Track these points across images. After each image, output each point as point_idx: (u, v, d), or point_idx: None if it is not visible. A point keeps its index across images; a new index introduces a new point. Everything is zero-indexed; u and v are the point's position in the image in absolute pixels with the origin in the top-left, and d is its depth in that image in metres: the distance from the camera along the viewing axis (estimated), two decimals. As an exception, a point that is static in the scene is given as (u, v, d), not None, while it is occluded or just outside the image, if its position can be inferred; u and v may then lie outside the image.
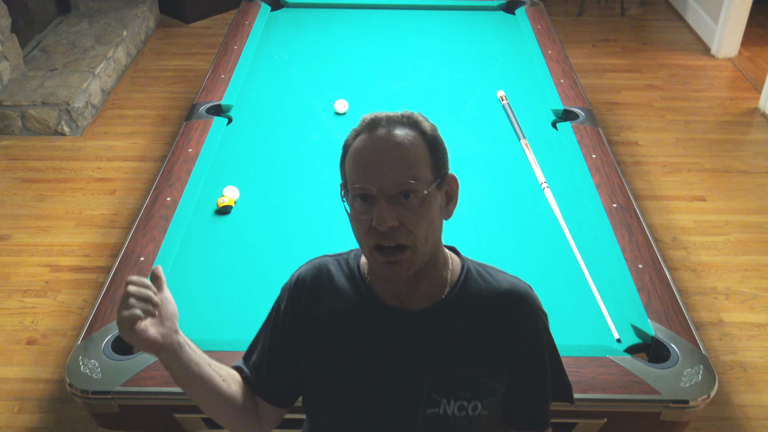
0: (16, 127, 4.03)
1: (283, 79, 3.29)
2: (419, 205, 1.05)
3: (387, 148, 1.06)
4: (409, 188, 1.05)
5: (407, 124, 1.09)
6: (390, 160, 1.06)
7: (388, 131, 1.08)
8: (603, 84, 4.64)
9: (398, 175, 1.05)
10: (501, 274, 1.21)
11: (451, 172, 1.15)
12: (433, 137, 1.11)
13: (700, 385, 1.74)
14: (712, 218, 3.42)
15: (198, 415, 1.79)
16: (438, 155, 1.11)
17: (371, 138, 1.08)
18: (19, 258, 3.16)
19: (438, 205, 1.10)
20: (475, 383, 1.13)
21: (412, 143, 1.07)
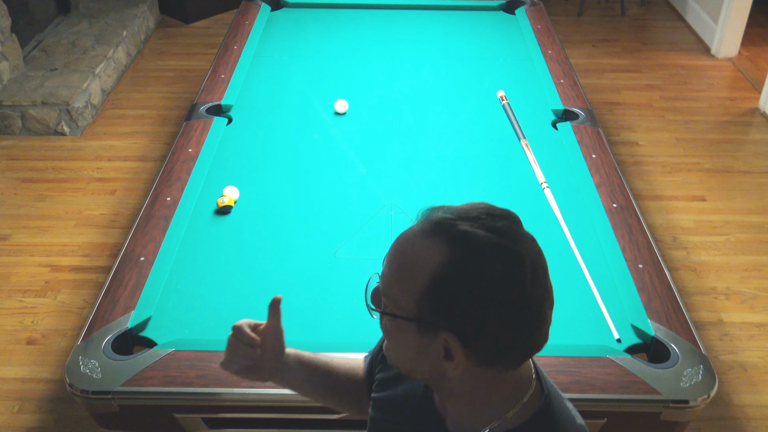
0: (16, 127, 4.03)
1: (283, 79, 3.29)
2: (386, 322, 0.91)
3: (395, 246, 0.89)
4: (377, 297, 0.92)
5: (441, 236, 0.84)
6: (388, 258, 0.90)
7: (415, 230, 0.87)
8: (603, 84, 4.64)
9: (383, 274, 0.90)
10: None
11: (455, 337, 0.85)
12: (454, 277, 0.82)
13: (700, 385, 1.74)
14: (712, 218, 3.42)
15: (198, 415, 1.79)
16: (436, 300, 0.83)
17: (412, 226, 0.90)
18: (19, 258, 3.17)
19: (413, 342, 0.88)
20: None
21: (414, 261, 0.85)
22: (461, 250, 0.82)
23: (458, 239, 0.83)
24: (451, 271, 0.82)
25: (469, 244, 0.82)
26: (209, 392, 1.74)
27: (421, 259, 0.83)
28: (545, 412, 0.93)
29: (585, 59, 4.95)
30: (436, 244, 0.83)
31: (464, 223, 0.84)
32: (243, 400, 1.75)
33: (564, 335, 1.95)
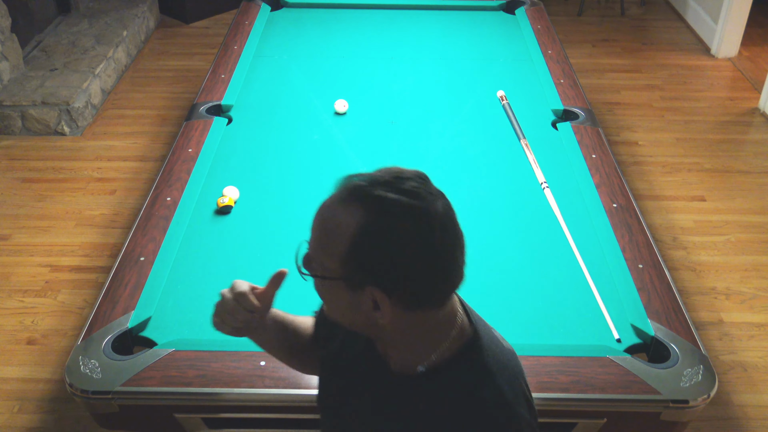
0: (16, 127, 4.03)
1: (283, 79, 3.29)
2: (318, 284, 1.00)
3: (317, 214, 0.97)
4: (307, 262, 1.00)
5: (356, 200, 0.92)
6: (313, 224, 0.98)
7: (331, 197, 0.96)
8: (603, 84, 4.64)
9: (309, 243, 0.99)
10: (494, 383, 1.00)
11: (381, 290, 0.93)
12: (372, 236, 0.90)
13: (700, 385, 1.74)
14: (712, 218, 3.42)
15: (198, 415, 1.79)
16: (360, 257, 0.91)
17: (330, 195, 0.98)
18: (19, 258, 3.17)
19: (345, 300, 0.97)
20: None
21: (335, 225, 0.93)
22: (375, 212, 0.91)
23: (372, 203, 0.91)
24: (368, 232, 0.90)
25: (382, 206, 0.91)
26: (209, 392, 1.74)
27: (341, 224, 0.92)
28: (475, 341, 1.02)
29: (585, 59, 4.95)
30: (352, 209, 0.92)
31: (377, 188, 0.92)
32: (243, 400, 1.75)
33: (564, 335, 1.95)
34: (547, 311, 2.03)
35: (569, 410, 1.75)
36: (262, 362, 1.79)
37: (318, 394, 1.23)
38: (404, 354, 1.03)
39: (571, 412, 1.76)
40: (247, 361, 1.80)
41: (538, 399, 1.74)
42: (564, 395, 1.73)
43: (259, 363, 1.79)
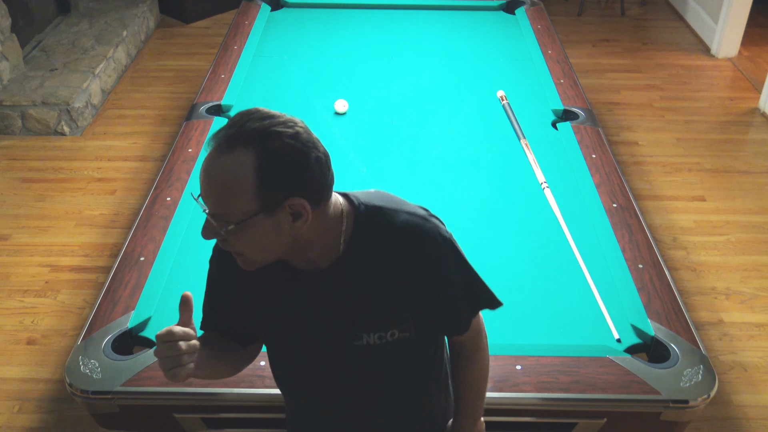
0: (16, 127, 4.03)
1: (283, 79, 3.29)
2: (234, 233, 1.09)
3: (206, 175, 1.08)
4: (219, 220, 1.09)
5: (243, 144, 1.05)
6: (207, 188, 1.08)
7: (213, 156, 1.07)
8: (603, 84, 4.64)
9: (212, 205, 1.09)
10: (395, 213, 1.22)
11: (301, 197, 1.09)
12: (270, 163, 1.05)
13: (700, 385, 1.74)
14: (712, 218, 3.42)
15: (198, 415, 1.79)
16: (270, 183, 1.06)
17: (206, 158, 1.09)
18: (19, 258, 3.17)
19: (269, 227, 1.09)
20: (387, 317, 1.25)
21: (233, 175, 1.05)
22: (259, 142, 1.05)
23: (252, 138, 1.05)
24: (265, 159, 1.05)
25: (261, 135, 1.05)
26: (209, 392, 1.74)
27: (237, 170, 1.04)
28: (359, 205, 1.22)
29: (585, 59, 4.95)
30: (238, 153, 1.04)
31: (244, 127, 1.06)
32: (243, 400, 1.75)
33: (564, 335, 1.95)
34: (547, 311, 2.03)
35: (569, 410, 1.75)
36: (262, 362, 1.79)
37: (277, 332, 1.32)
38: (323, 247, 1.19)
39: (572, 412, 1.76)
40: (247, 361, 1.80)
41: (539, 399, 1.75)
42: (564, 395, 1.73)
43: (259, 363, 1.79)
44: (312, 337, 1.29)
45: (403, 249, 1.21)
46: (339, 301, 1.24)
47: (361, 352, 1.27)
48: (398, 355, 1.30)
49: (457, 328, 1.35)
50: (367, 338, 1.25)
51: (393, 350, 1.28)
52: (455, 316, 1.33)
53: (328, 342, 1.28)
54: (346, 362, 1.30)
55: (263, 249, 1.13)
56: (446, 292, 1.27)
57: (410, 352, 1.31)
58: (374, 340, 1.26)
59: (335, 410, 1.39)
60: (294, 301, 1.26)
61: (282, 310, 1.28)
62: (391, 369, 1.33)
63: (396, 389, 1.37)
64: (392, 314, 1.25)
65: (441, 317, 1.31)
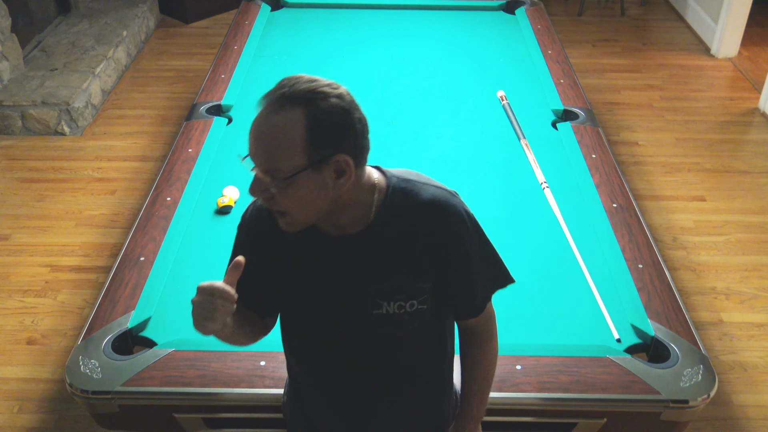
0: (16, 127, 4.03)
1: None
2: (284, 189, 1.14)
3: (257, 131, 1.14)
4: (272, 171, 1.14)
5: (294, 103, 1.12)
6: (258, 143, 1.14)
7: (264, 113, 1.14)
8: (603, 84, 4.64)
9: (262, 161, 1.14)
10: (424, 186, 1.29)
11: (346, 154, 1.15)
12: (321, 119, 1.12)
13: (700, 385, 1.74)
14: (712, 218, 3.42)
15: (198, 415, 1.79)
16: (320, 138, 1.13)
17: (256, 116, 1.15)
18: (19, 258, 3.17)
19: (316, 184, 1.15)
20: (409, 287, 1.29)
21: (284, 129, 1.11)
22: (309, 101, 1.11)
23: (302, 97, 1.12)
24: (315, 117, 1.11)
25: (311, 95, 1.12)
26: (209, 392, 1.74)
27: (288, 125, 1.11)
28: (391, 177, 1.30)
29: (585, 59, 4.95)
30: (289, 110, 1.11)
31: (293, 88, 1.13)
32: (243, 400, 1.75)
33: (564, 335, 1.95)
34: (547, 311, 2.03)
35: (569, 410, 1.76)
36: (262, 362, 1.80)
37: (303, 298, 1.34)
38: (354, 213, 1.24)
39: (571, 412, 1.76)
40: (247, 361, 1.80)
41: (539, 399, 1.75)
42: (564, 395, 1.73)
43: (259, 363, 1.79)
44: (333, 303, 1.32)
45: (430, 221, 1.27)
46: (364, 268, 1.28)
47: (379, 321, 1.30)
48: (414, 328, 1.33)
49: (472, 309, 1.39)
50: (387, 307, 1.29)
51: (410, 321, 1.31)
52: (473, 295, 1.36)
53: (348, 309, 1.31)
54: (363, 331, 1.32)
55: (307, 206, 1.17)
56: (467, 267, 1.32)
57: (425, 328, 1.35)
58: (394, 309, 1.29)
59: (344, 385, 1.41)
60: (320, 265, 1.30)
61: (307, 274, 1.31)
62: (406, 343, 1.35)
63: (406, 368, 1.39)
64: (414, 284, 1.29)
65: (459, 294, 1.35)
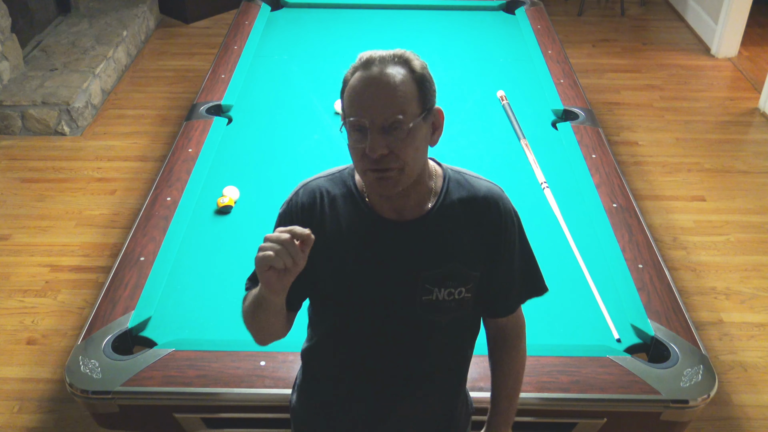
0: (16, 127, 4.03)
1: (283, 79, 3.29)
2: (406, 136, 1.20)
3: (378, 85, 1.19)
4: (396, 122, 1.19)
5: (399, 62, 1.22)
6: (380, 96, 1.19)
7: (380, 70, 1.20)
8: (603, 84, 4.64)
9: (387, 110, 1.19)
10: (477, 180, 1.38)
11: (438, 105, 1.28)
12: (421, 75, 1.24)
13: (700, 385, 1.74)
14: (712, 218, 3.42)
15: (198, 415, 1.79)
16: (425, 91, 1.24)
17: (365, 76, 1.21)
18: (19, 258, 3.17)
19: (424, 134, 1.24)
20: (460, 274, 1.32)
21: (402, 81, 1.20)
22: (406, 63, 1.24)
23: (398, 60, 1.23)
24: (417, 71, 1.24)
25: (404, 58, 1.25)
26: (209, 392, 1.74)
27: (403, 78, 1.21)
28: (446, 168, 1.38)
29: (585, 59, 4.95)
30: (398, 67, 1.22)
31: (388, 54, 1.24)
32: (243, 400, 1.75)
33: (564, 335, 1.95)
34: (547, 311, 2.03)
35: (569, 410, 1.76)
36: (262, 362, 1.80)
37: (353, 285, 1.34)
38: (417, 196, 1.30)
39: (571, 412, 1.76)
40: (247, 361, 1.80)
41: (539, 399, 1.75)
42: (564, 395, 1.73)
43: (259, 363, 1.80)
44: (383, 287, 1.33)
45: (483, 211, 1.33)
46: (418, 253, 1.31)
47: (426, 307, 1.32)
48: (455, 318, 1.36)
49: (506, 306, 1.42)
50: (437, 293, 1.31)
51: (455, 309, 1.34)
52: (509, 291, 1.40)
53: (398, 293, 1.32)
54: (407, 317, 1.33)
55: (418, 158, 1.24)
56: (509, 261, 1.36)
57: (463, 318, 1.38)
58: (444, 296, 1.32)
59: (373, 374, 1.40)
60: (374, 248, 1.32)
61: (360, 257, 1.33)
62: (443, 332, 1.37)
63: (437, 359, 1.40)
64: (465, 271, 1.32)
65: (498, 287, 1.38)
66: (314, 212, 1.33)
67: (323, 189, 1.36)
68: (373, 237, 1.32)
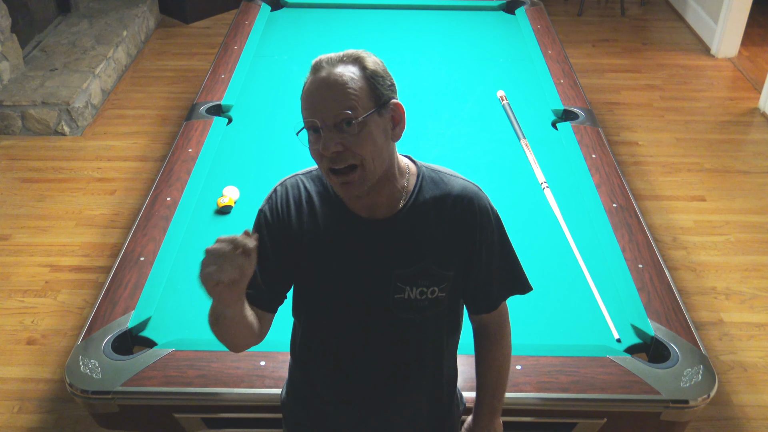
0: (16, 127, 4.03)
1: (283, 79, 3.29)
2: (359, 131, 1.21)
3: (326, 85, 1.22)
4: (346, 117, 1.20)
5: (348, 62, 1.25)
6: (329, 95, 1.21)
7: (328, 71, 1.23)
8: (603, 84, 4.64)
9: (336, 107, 1.21)
10: (453, 178, 1.37)
11: (398, 100, 1.29)
12: (373, 71, 1.25)
13: (700, 385, 1.74)
14: (712, 218, 3.42)
15: (198, 415, 1.79)
16: (377, 86, 1.25)
17: (315, 79, 1.24)
18: (19, 258, 3.17)
19: (381, 129, 1.25)
20: (433, 273, 1.32)
21: (350, 78, 1.22)
22: (358, 61, 1.26)
23: (350, 59, 1.26)
24: (368, 68, 1.25)
25: (356, 57, 1.26)
26: (209, 392, 1.74)
27: (352, 75, 1.23)
28: (421, 167, 1.37)
29: (585, 59, 4.95)
30: (347, 66, 1.24)
31: (339, 55, 1.27)
32: (243, 400, 1.75)
33: (564, 335, 1.95)
34: (547, 311, 2.03)
35: (569, 410, 1.75)
36: (262, 362, 1.80)
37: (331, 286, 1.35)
38: (388, 194, 1.30)
39: (571, 412, 1.76)
40: (247, 361, 1.80)
41: (539, 399, 1.75)
42: (564, 395, 1.73)
43: (259, 363, 1.80)
44: (356, 285, 1.33)
45: (458, 210, 1.32)
46: (390, 252, 1.32)
47: (399, 306, 1.33)
48: (430, 317, 1.36)
49: (488, 303, 1.42)
50: (409, 292, 1.32)
51: (429, 308, 1.34)
52: (490, 289, 1.40)
53: (370, 291, 1.33)
54: (381, 315, 1.34)
55: (376, 154, 1.24)
56: (488, 259, 1.36)
57: (440, 316, 1.38)
58: (416, 295, 1.32)
59: (356, 372, 1.41)
60: (347, 246, 1.33)
61: (333, 255, 1.33)
62: (420, 331, 1.37)
63: (416, 357, 1.41)
64: (437, 271, 1.32)
65: (477, 285, 1.38)
66: (292, 209, 1.35)
67: (301, 186, 1.38)
68: (348, 235, 1.33)
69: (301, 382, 1.50)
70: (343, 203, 1.33)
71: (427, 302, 1.33)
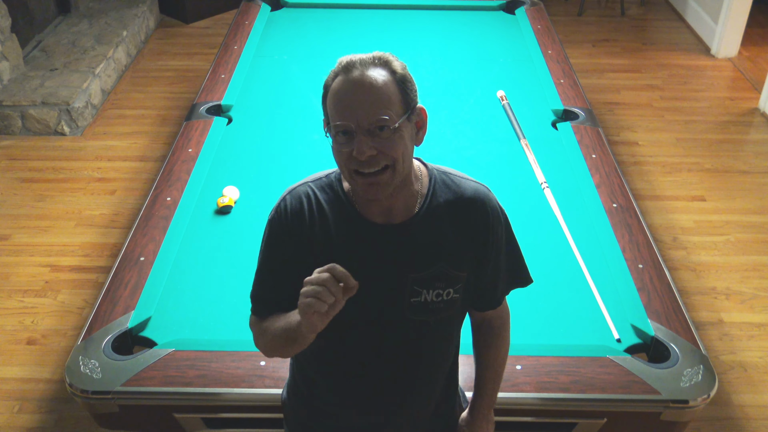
0: (16, 127, 4.03)
1: (283, 79, 3.29)
2: (392, 135, 1.21)
3: (361, 88, 1.21)
4: (383, 123, 1.20)
5: (379, 64, 1.24)
6: (364, 98, 1.21)
7: (362, 72, 1.22)
8: (603, 84, 4.64)
9: (372, 112, 1.20)
10: (463, 180, 1.38)
11: (420, 104, 1.30)
12: (402, 75, 1.26)
13: (700, 385, 1.74)
14: (712, 218, 3.42)
15: (198, 415, 1.79)
16: (407, 91, 1.26)
17: (347, 79, 1.23)
18: (19, 258, 3.17)
19: (409, 133, 1.26)
20: (448, 275, 1.33)
21: (384, 82, 1.22)
22: (389, 63, 1.26)
23: (378, 63, 1.26)
24: (398, 73, 1.25)
25: (385, 59, 1.27)
26: (209, 392, 1.74)
27: (386, 81, 1.23)
28: (432, 169, 1.38)
29: (585, 59, 4.95)
30: (380, 69, 1.24)
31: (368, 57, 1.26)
32: (243, 400, 1.75)
33: (564, 335, 1.95)
34: (547, 311, 2.03)
35: (569, 410, 1.76)
36: (262, 362, 1.80)
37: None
38: (406, 196, 1.31)
39: (571, 412, 1.76)
40: (247, 361, 1.80)
41: (538, 399, 1.75)
42: (564, 395, 1.73)
43: (259, 363, 1.80)
44: (372, 290, 1.31)
45: (470, 212, 1.34)
46: (407, 256, 1.32)
47: (415, 309, 1.33)
48: (444, 318, 1.37)
49: (493, 300, 1.44)
50: (425, 295, 1.32)
51: (444, 310, 1.35)
52: (496, 287, 1.42)
53: (386, 295, 1.33)
54: (397, 319, 1.34)
55: (406, 157, 1.25)
56: (496, 259, 1.38)
57: (452, 318, 1.39)
58: (432, 297, 1.33)
59: (366, 376, 1.41)
60: (362, 252, 1.32)
61: (346, 262, 1.29)
62: (433, 333, 1.38)
63: (429, 359, 1.42)
64: (453, 273, 1.33)
65: (485, 284, 1.40)
66: (303, 217, 1.33)
67: (310, 194, 1.36)
68: (361, 241, 1.32)
69: (305, 384, 1.49)
70: (356, 210, 1.32)
71: (443, 304, 1.34)
